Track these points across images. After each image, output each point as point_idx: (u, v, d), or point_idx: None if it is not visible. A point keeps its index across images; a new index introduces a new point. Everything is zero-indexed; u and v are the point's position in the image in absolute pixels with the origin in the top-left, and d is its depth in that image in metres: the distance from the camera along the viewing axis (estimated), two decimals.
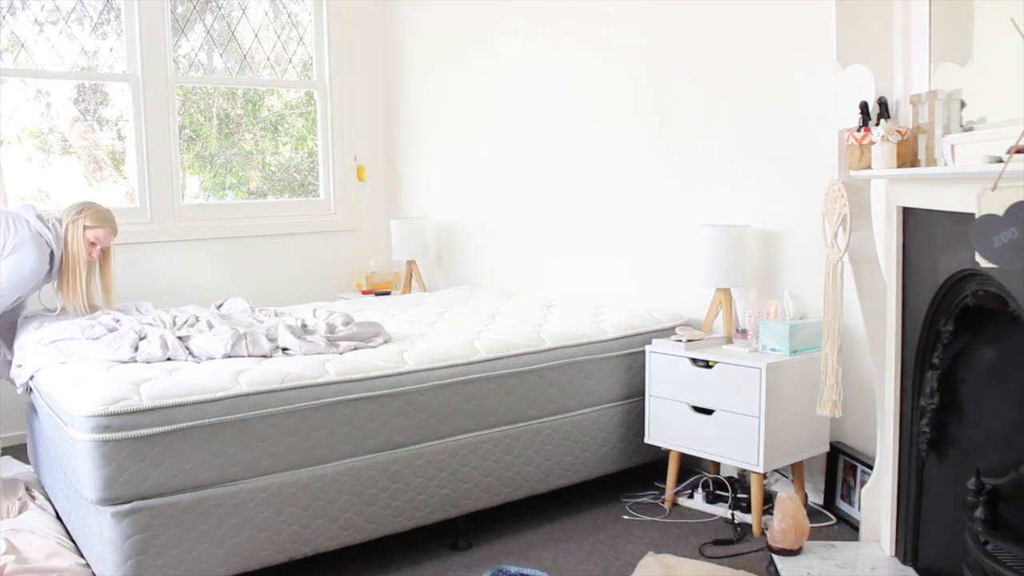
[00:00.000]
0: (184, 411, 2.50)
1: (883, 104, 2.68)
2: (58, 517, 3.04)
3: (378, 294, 4.93)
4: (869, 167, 2.63)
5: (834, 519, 3.20)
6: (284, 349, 2.97)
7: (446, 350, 3.08)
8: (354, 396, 2.79)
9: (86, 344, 2.95)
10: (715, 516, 3.27)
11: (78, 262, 3.49)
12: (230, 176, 5.13)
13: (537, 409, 3.21)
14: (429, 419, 2.94)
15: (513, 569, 2.72)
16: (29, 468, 3.56)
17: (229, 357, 2.89)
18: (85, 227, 3.50)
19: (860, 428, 3.23)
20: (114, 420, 2.40)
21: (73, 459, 2.51)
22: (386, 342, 3.14)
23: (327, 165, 5.31)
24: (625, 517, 3.29)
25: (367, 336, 3.11)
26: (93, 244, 3.54)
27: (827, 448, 3.28)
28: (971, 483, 2.19)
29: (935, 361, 2.49)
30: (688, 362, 3.25)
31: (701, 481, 3.39)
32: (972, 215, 1.82)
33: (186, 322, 3.20)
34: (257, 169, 5.24)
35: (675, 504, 3.39)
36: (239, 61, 5.05)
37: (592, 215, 4.22)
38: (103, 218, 3.57)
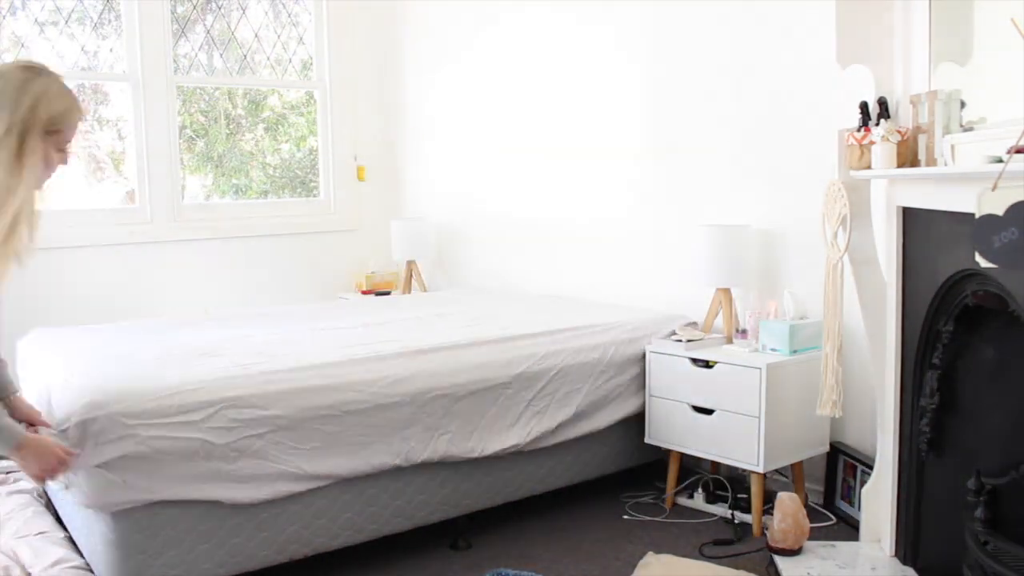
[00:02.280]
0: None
1: (883, 104, 2.68)
2: (58, 517, 3.04)
3: (378, 294, 4.94)
4: (869, 167, 2.63)
5: (834, 519, 3.20)
6: None
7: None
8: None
9: None
10: (715, 516, 3.27)
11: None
12: (227, 177, 5.13)
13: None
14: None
15: (511, 572, 2.73)
16: None
17: None
18: (49, 132, 1.93)
19: (860, 428, 3.23)
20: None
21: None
22: None
23: (327, 165, 5.31)
24: (625, 517, 3.29)
25: None
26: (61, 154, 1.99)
27: (827, 448, 3.28)
28: (971, 483, 2.19)
29: (935, 361, 2.48)
30: (688, 362, 3.25)
31: (701, 481, 3.39)
32: (972, 215, 1.82)
33: None
34: (258, 169, 5.24)
35: (675, 504, 3.38)
36: (239, 61, 5.05)
37: (592, 215, 4.22)
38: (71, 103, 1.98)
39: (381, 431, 2.81)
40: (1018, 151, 1.83)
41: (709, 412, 3.20)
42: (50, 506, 3.17)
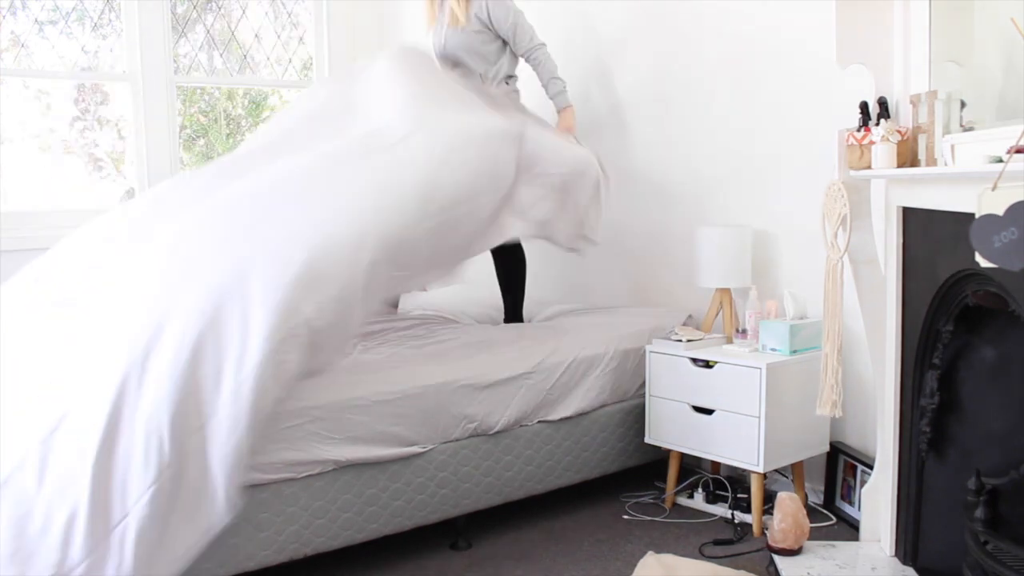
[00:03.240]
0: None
1: (883, 104, 2.68)
2: None
3: None
4: (869, 167, 2.63)
5: (834, 519, 3.20)
6: None
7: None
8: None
9: None
10: (715, 516, 3.27)
11: None
12: None
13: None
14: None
15: None
16: None
17: None
18: None
19: (860, 428, 3.23)
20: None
21: None
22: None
23: None
24: (625, 517, 3.29)
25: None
26: None
27: (827, 448, 3.28)
28: (971, 483, 2.19)
29: (935, 361, 2.49)
30: (688, 362, 3.25)
31: (701, 481, 3.39)
32: (972, 215, 1.82)
33: None
34: None
35: (675, 504, 3.39)
36: (239, 61, 5.05)
37: None
38: None
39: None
40: (1018, 151, 1.83)
41: (709, 412, 3.20)
42: None
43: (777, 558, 2.77)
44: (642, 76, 3.93)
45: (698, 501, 3.36)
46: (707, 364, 3.20)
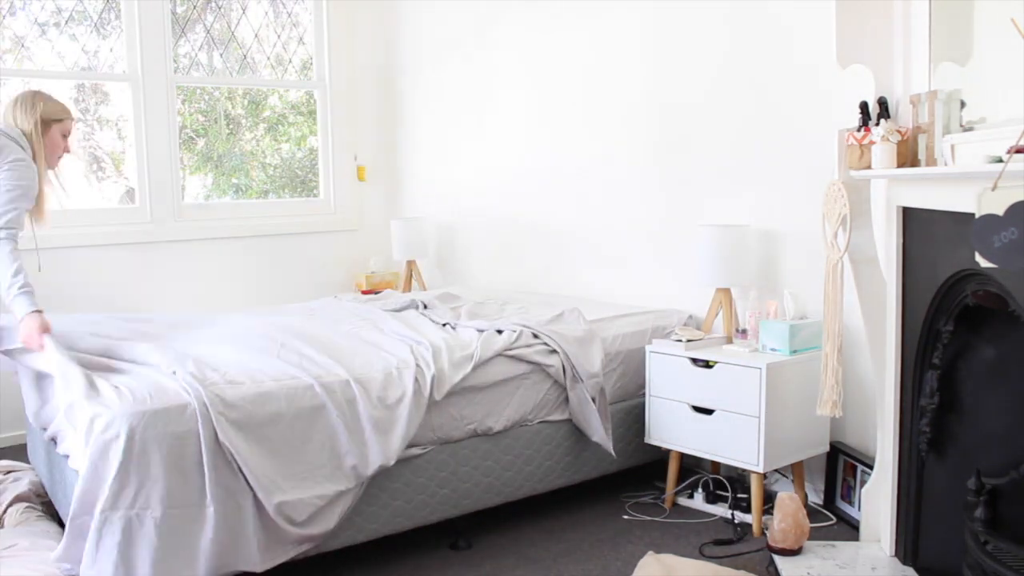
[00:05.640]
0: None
1: (883, 104, 2.68)
2: (58, 518, 3.04)
3: (378, 294, 4.93)
4: (869, 167, 2.63)
5: (834, 519, 3.20)
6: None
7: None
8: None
9: None
10: (715, 516, 3.27)
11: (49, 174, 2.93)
12: (227, 177, 5.13)
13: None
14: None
15: None
16: (28, 466, 3.55)
17: None
18: (53, 123, 2.92)
19: (860, 428, 3.23)
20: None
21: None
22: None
23: (327, 165, 5.31)
24: (625, 517, 3.29)
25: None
26: (65, 139, 2.96)
27: (827, 448, 3.28)
28: (971, 483, 2.19)
29: (935, 361, 2.49)
30: (688, 362, 3.25)
31: (701, 481, 3.39)
32: (972, 215, 1.82)
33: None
34: (258, 169, 5.24)
35: (675, 504, 3.39)
36: (239, 61, 5.05)
37: (592, 215, 4.22)
38: (60, 106, 2.99)
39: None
40: (1018, 151, 1.83)
41: (709, 412, 3.20)
42: (51, 508, 3.17)
43: (777, 558, 2.77)
44: (642, 76, 3.93)
45: (698, 501, 3.36)
46: (707, 364, 3.20)
